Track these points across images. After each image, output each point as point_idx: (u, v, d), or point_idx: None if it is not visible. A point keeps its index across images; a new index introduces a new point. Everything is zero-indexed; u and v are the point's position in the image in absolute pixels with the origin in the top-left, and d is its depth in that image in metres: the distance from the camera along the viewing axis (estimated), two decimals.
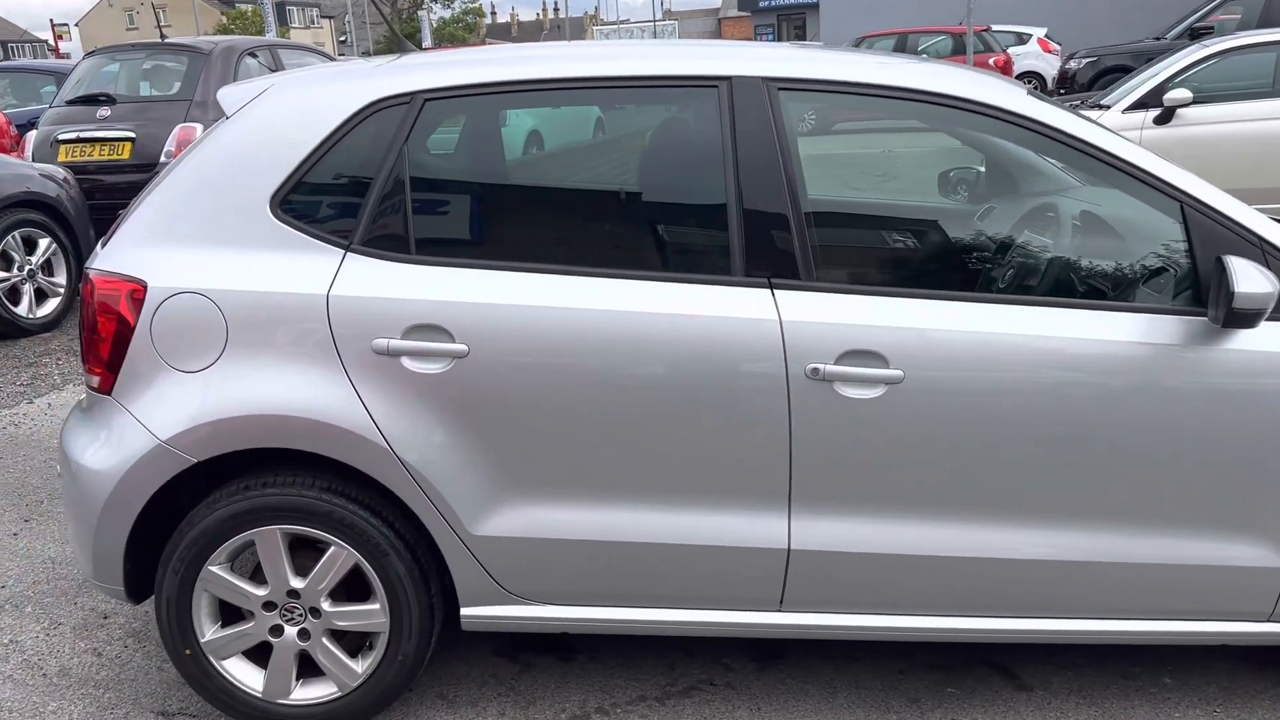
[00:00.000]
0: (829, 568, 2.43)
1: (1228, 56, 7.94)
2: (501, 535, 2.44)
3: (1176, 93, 7.66)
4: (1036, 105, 2.44)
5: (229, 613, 2.58)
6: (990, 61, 18.58)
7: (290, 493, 2.43)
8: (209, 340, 2.41)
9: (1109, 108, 8.02)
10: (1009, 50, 20.38)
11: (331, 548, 2.46)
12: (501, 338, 2.36)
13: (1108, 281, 2.47)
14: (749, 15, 56.35)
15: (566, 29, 56.19)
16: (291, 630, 2.54)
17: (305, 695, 2.59)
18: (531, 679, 2.85)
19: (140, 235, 2.51)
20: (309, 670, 2.60)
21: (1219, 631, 2.49)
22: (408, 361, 2.37)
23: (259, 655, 2.59)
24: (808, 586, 2.46)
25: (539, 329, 2.35)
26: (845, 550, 2.41)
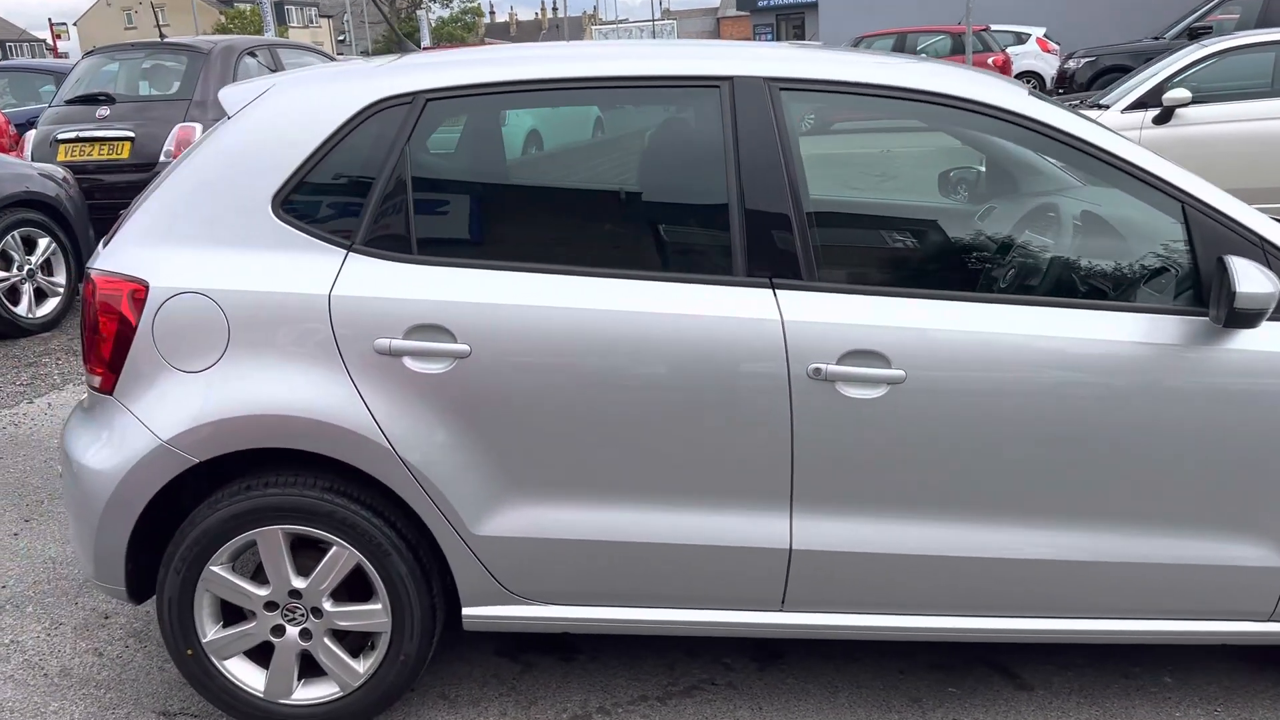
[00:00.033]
0: (831, 568, 2.43)
1: (1226, 56, 7.95)
2: (503, 535, 2.44)
3: (1175, 92, 7.67)
4: (1038, 105, 2.44)
5: (230, 613, 2.58)
6: (989, 61, 18.58)
7: (292, 493, 2.43)
8: (211, 340, 2.41)
9: (1108, 107, 8.02)
10: (1008, 50, 20.38)
11: (333, 548, 2.46)
12: (503, 338, 2.36)
13: (1109, 281, 2.47)
14: (747, 15, 56.38)
15: (565, 28, 56.20)
16: (293, 630, 2.54)
17: (307, 695, 2.59)
18: (533, 679, 2.85)
19: (142, 235, 2.51)
20: (311, 670, 2.60)
21: (1220, 631, 2.49)
22: (410, 361, 2.37)
23: (261, 655, 2.59)
24: (809, 586, 2.46)
25: (541, 329, 2.35)
26: (847, 550, 2.41)
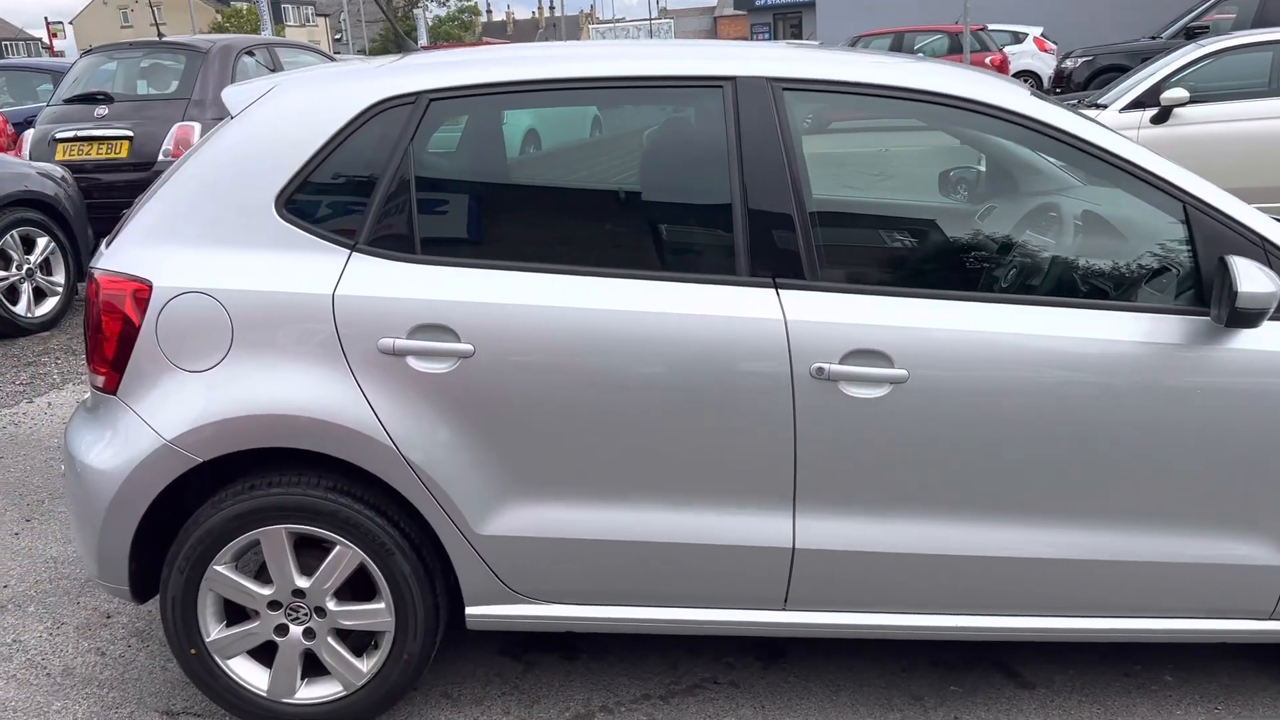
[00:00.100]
0: (833, 567, 2.44)
1: (1223, 56, 7.96)
2: (507, 535, 2.45)
3: (1173, 92, 7.68)
4: (1040, 106, 2.45)
5: (234, 612, 2.58)
6: (986, 60, 18.58)
7: (295, 492, 2.44)
8: (214, 340, 2.41)
9: (1106, 107, 8.03)
10: (1005, 49, 20.38)
11: (337, 547, 2.46)
12: (507, 337, 2.36)
13: (1110, 281, 2.48)
14: (745, 14, 56.34)
15: (562, 27, 56.21)
16: (296, 629, 2.55)
17: (310, 694, 2.60)
18: (536, 678, 2.86)
19: (144, 235, 2.51)
20: (314, 669, 2.60)
21: (1220, 630, 2.50)
22: (413, 361, 2.37)
23: (264, 654, 2.60)
24: (812, 585, 2.46)
25: (544, 329, 2.36)
26: (849, 549, 2.42)
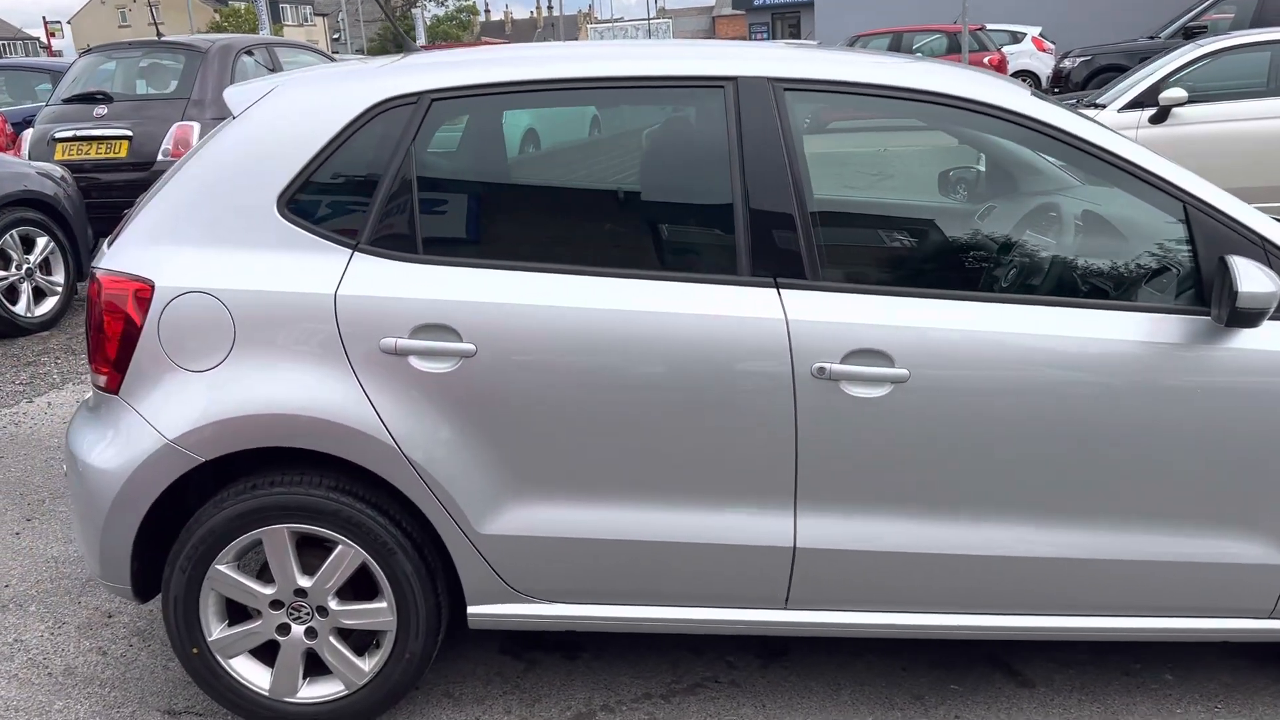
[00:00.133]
0: (834, 566, 2.45)
1: (1222, 56, 7.97)
2: (508, 534, 2.45)
3: (1171, 92, 7.69)
4: (1041, 106, 2.45)
5: (236, 611, 2.59)
6: (985, 60, 18.59)
7: (297, 492, 2.44)
8: (216, 340, 2.41)
9: (1104, 107, 8.04)
10: (1003, 49, 20.40)
11: (339, 546, 2.46)
12: (509, 337, 2.37)
13: (1111, 281, 2.49)
14: (743, 14, 56.34)
15: (560, 27, 56.22)
16: (298, 629, 2.55)
17: (312, 693, 2.60)
18: (537, 677, 2.86)
19: (146, 235, 2.52)
20: (316, 669, 2.60)
21: (1220, 628, 2.51)
22: (415, 361, 2.38)
23: (266, 654, 2.60)
24: (813, 584, 2.47)
25: (546, 328, 2.36)
26: (850, 548, 2.43)
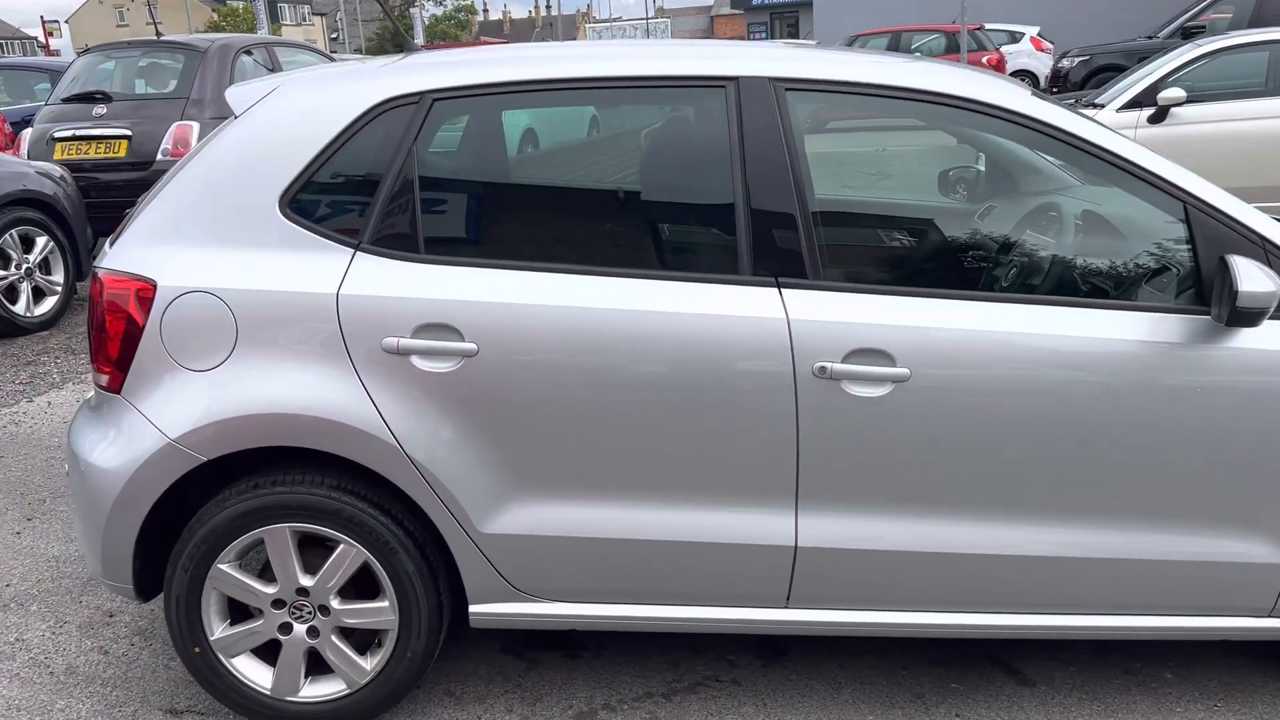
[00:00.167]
0: (835, 565, 2.45)
1: (1220, 56, 7.98)
2: (510, 533, 2.46)
3: (1170, 92, 7.70)
4: (1042, 106, 2.46)
5: (238, 610, 2.59)
6: (983, 60, 18.60)
7: (299, 491, 2.44)
8: (218, 339, 2.42)
9: (1103, 106, 8.06)
10: (1002, 49, 20.42)
11: (341, 546, 2.47)
12: (511, 337, 2.37)
13: (1111, 280, 2.49)
14: (742, 13, 56.31)
15: (559, 27, 56.19)
16: (300, 628, 2.55)
17: (314, 692, 2.61)
18: (538, 676, 2.87)
19: (148, 234, 2.52)
20: (318, 668, 2.61)
21: (1220, 627, 2.51)
22: (417, 360, 2.38)
23: (268, 653, 2.60)
24: (814, 583, 2.47)
25: (548, 328, 2.36)
26: (851, 547, 2.43)
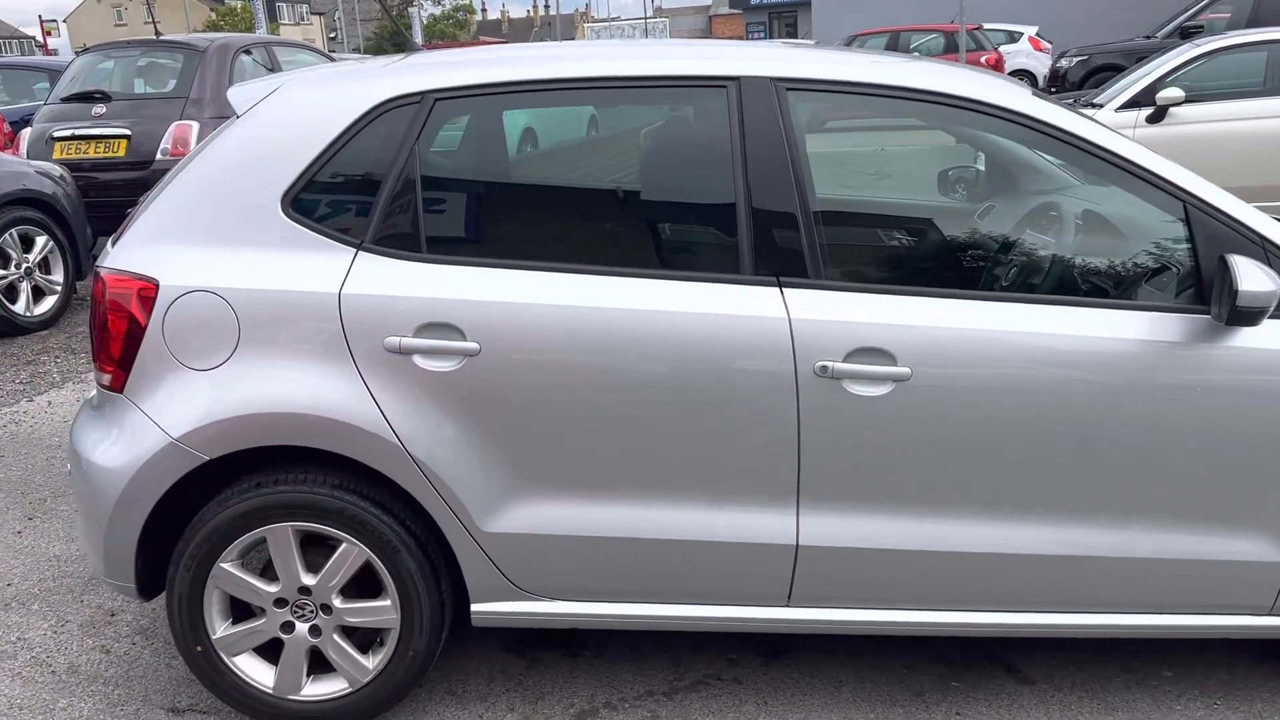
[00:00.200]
0: (836, 563, 2.46)
1: (1218, 56, 8.00)
2: (512, 532, 2.46)
3: (1168, 92, 7.71)
4: (1042, 105, 2.47)
5: (240, 609, 2.60)
6: (982, 60, 18.61)
7: (302, 490, 2.45)
8: (221, 338, 2.42)
9: (1101, 106, 8.07)
10: (1000, 48, 20.43)
11: (343, 544, 2.47)
12: (513, 336, 2.37)
13: (1111, 280, 2.50)
14: (740, 13, 56.30)
15: (557, 26, 56.22)
16: (303, 626, 2.56)
17: (316, 691, 2.61)
18: (539, 674, 2.87)
19: (150, 234, 2.52)
20: (320, 666, 2.61)
21: (1220, 625, 2.52)
22: (419, 359, 2.39)
23: (270, 651, 2.61)
24: (815, 582, 2.48)
25: (550, 327, 2.37)
26: (852, 546, 2.44)
